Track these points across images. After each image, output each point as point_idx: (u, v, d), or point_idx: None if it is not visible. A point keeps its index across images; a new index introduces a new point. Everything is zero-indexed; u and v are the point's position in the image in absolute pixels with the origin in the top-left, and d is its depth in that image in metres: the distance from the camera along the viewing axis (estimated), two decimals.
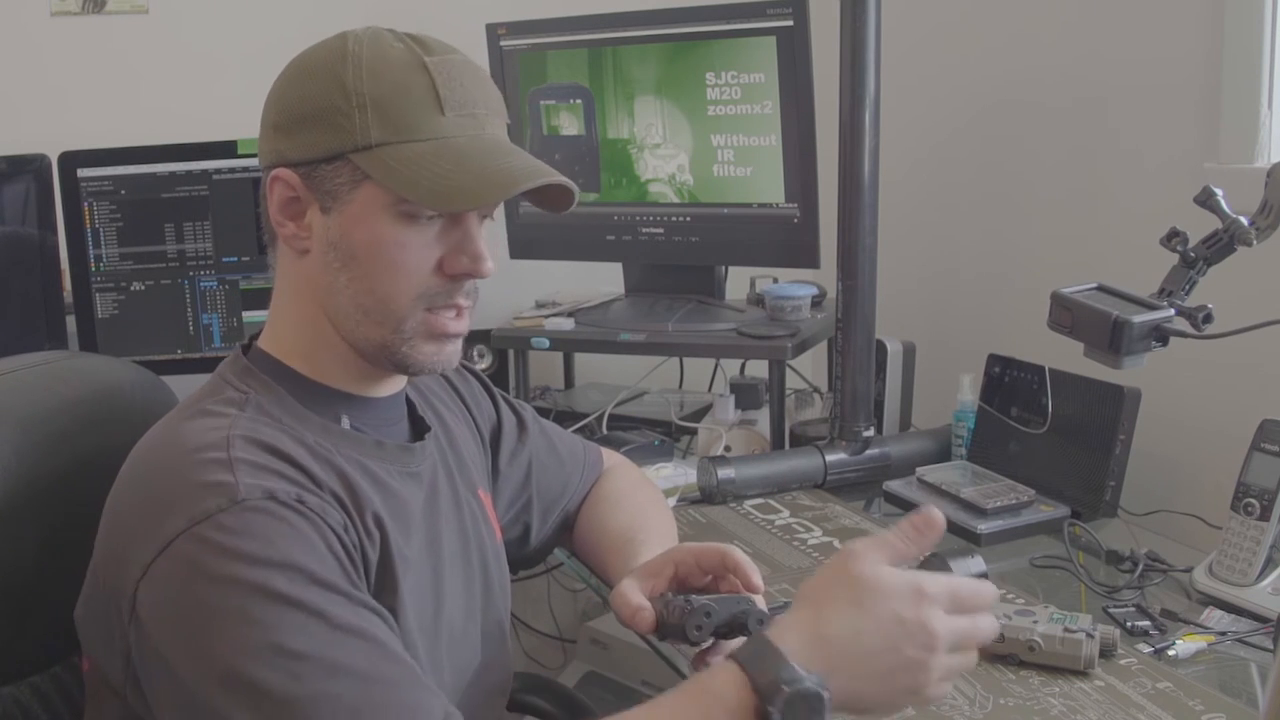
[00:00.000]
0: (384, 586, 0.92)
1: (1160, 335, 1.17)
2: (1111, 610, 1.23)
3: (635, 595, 1.02)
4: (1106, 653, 1.11)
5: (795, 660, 0.81)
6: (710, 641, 0.99)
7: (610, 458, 1.38)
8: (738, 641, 0.97)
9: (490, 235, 0.99)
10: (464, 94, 0.94)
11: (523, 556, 1.28)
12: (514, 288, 2.08)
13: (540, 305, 2.05)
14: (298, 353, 0.98)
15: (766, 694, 0.80)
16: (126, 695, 0.87)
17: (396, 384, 1.04)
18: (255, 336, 1.02)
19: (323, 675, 0.80)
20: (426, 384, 1.15)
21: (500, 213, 1.96)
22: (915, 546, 0.87)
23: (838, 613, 0.83)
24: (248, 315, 1.81)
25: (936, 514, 0.87)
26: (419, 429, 1.07)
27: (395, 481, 0.99)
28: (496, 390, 1.27)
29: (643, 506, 1.28)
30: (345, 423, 0.98)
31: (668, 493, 1.57)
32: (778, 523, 1.53)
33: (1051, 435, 1.55)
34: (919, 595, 0.83)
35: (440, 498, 1.05)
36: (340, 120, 0.92)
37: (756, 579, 1.04)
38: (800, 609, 0.86)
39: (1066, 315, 1.21)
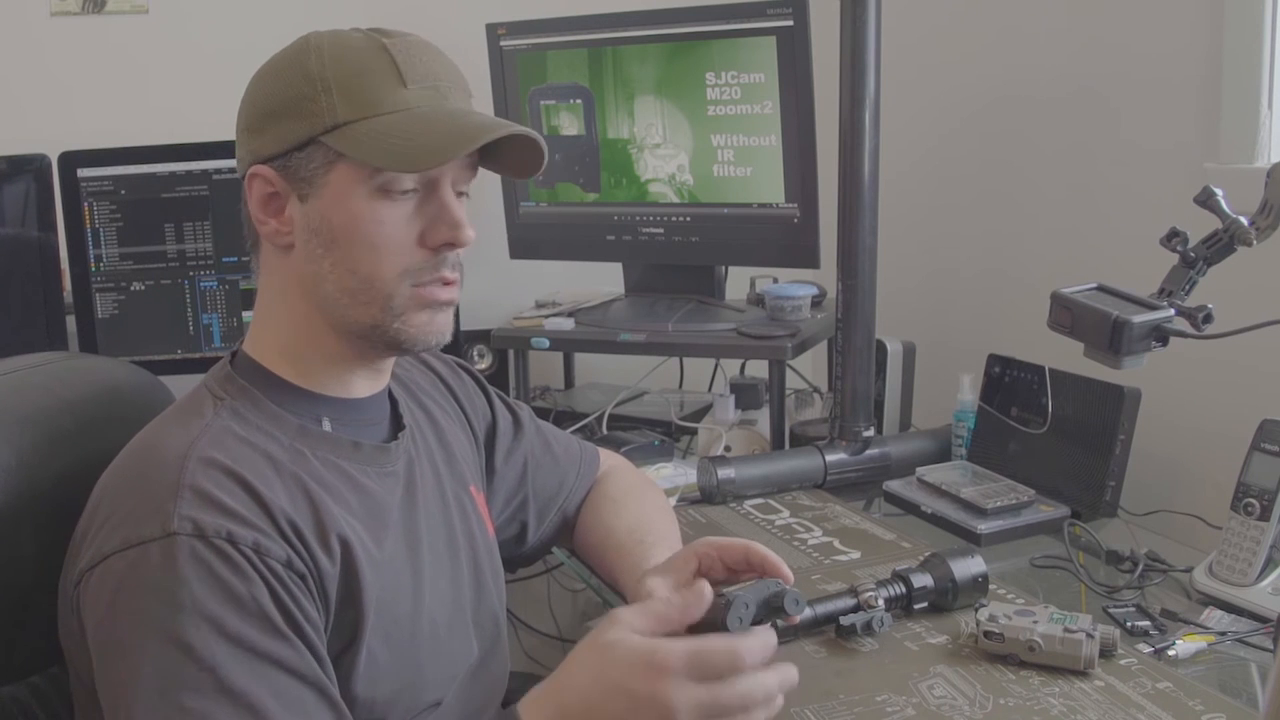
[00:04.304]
0: (347, 598, 0.92)
1: (1160, 335, 1.16)
2: (1111, 610, 1.23)
3: (665, 593, 1.01)
4: (1106, 653, 1.11)
5: None
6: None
7: (609, 459, 1.38)
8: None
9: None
10: (424, 68, 0.95)
11: (520, 555, 1.29)
12: (514, 288, 2.08)
13: (540, 305, 2.05)
14: (282, 355, 0.98)
15: None
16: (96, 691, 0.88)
17: (378, 383, 1.04)
18: (243, 343, 1.02)
19: None
20: (416, 380, 1.15)
21: (500, 212, 1.99)
22: (682, 616, 0.89)
23: (577, 685, 0.86)
24: (248, 315, 1.81)
25: (705, 588, 0.89)
26: (398, 427, 1.07)
27: (372, 481, 0.99)
28: (492, 389, 1.27)
29: (647, 508, 1.28)
30: (326, 424, 0.98)
31: (668, 493, 1.57)
32: (778, 523, 1.53)
33: (1051, 435, 1.55)
34: (650, 668, 0.83)
35: (421, 494, 1.05)
36: (307, 106, 0.93)
37: (785, 571, 1.04)
38: (554, 677, 0.88)
39: (1066, 315, 1.21)
